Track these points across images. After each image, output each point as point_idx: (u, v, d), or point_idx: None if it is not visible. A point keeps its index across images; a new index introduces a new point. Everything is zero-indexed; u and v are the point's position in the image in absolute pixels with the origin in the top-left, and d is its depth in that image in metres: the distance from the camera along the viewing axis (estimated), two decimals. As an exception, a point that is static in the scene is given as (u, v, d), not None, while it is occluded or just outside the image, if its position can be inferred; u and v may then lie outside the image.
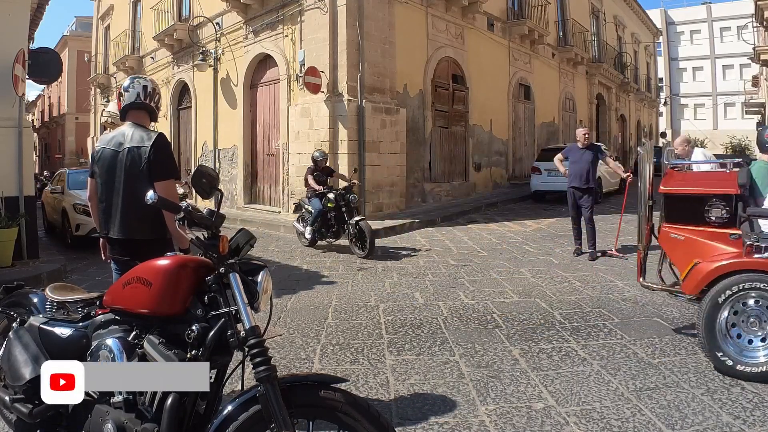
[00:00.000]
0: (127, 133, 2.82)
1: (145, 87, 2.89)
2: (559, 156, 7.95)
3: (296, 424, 1.75)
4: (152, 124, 3.05)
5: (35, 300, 2.42)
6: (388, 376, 3.47)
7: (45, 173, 24.74)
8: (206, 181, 2.12)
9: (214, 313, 1.87)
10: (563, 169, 7.63)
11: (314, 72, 10.77)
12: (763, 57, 18.05)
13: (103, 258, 3.02)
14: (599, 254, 7.31)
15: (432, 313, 4.93)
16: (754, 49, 19.21)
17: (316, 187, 8.34)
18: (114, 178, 2.79)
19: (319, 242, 8.53)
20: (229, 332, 1.82)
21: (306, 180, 8.56)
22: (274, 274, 2.67)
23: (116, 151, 2.79)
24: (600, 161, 7.63)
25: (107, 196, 2.83)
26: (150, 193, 1.85)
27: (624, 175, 7.62)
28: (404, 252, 8.13)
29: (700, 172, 5.37)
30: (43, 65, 7.88)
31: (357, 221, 7.80)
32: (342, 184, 8.81)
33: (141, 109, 2.90)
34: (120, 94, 2.91)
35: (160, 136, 2.82)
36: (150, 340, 1.87)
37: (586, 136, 7.60)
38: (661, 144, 32.62)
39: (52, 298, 2.34)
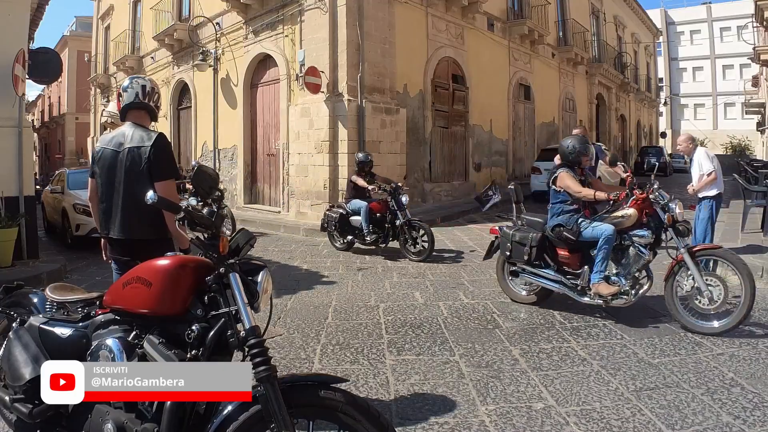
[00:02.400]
0: (127, 133, 2.81)
1: (143, 87, 2.88)
2: (558, 156, 7.94)
3: (296, 424, 1.75)
4: (152, 124, 3.05)
5: (35, 300, 2.42)
6: (388, 376, 3.47)
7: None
8: (206, 181, 2.13)
9: (214, 313, 1.87)
10: None
11: (314, 72, 10.77)
12: (763, 57, 18.07)
13: (104, 258, 3.02)
14: None
15: (432, 313, 4.93)
16: (754, 49, 19.23)
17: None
18: (114, 179, 2.79)
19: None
20: (229, 332, 1.82)
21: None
22: (274, 274, 2.67)
23: (116, 151, 2.79)
24: (600, 161, 7.62)
25: (107, 196, 2.83)
26: (150, 194, 1.85)
27: (624, 175, 7.61)
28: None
29: None
30: (43, 65, 7.88)
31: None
32: None
33: (140, 109, 2.89)
34: (119, 95, 2.91)
35: (160, 136, 2.82)
36: (150, 340, 1.87)
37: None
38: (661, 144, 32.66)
39: (52, 298, 2.34)
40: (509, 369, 3.57)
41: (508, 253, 4.96)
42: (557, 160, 7.82)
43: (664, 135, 37.85)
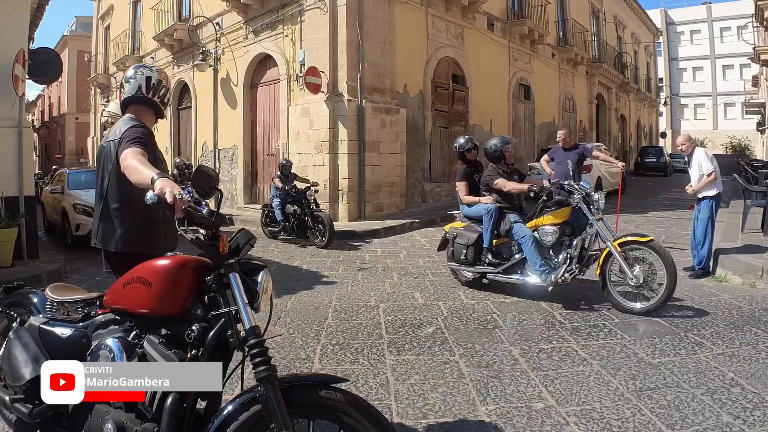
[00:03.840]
0: (115, 127, 2.50)
1: (148, 78, 2.53)
2: (545, 157, 8.01)
3: (296, 424, 1.75)
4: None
5: (35, 300, 2.42)
6: (388, 376, 3.47)
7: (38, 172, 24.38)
8: (206, 181, 2.12)
9: (214, 313, 1.86)
10: (549, 169, 7.68)
11: (314, 72, 10.77)
12: (763, 57, 18.06)
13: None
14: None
15: (432, 313, 4.93)
16: (754, 49, 19.22)
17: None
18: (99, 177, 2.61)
19: None
20: (229, 332, 1.82)
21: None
22: (274, 274, 2.66)
23: (104, 147, 2.54)
24: (588, 159, 7.70)
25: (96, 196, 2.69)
26: (150, 194, 1.84)
27: (619, 164, 7.68)
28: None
29: None
30: (43, 65, 7.87)
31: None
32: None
33: (143, 104, 2.56)
34: (121, 85, 2.77)
35: (136, 126, 2.41)
36: (150, 340, 1.86)
37: (566, 138, 7.67)
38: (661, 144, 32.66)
39: (52, 298, 2.34)
40: (509, 369, 3.57)
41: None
42: (543, 161, 7.91)
43: (664, 135, 37.85)
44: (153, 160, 2.30)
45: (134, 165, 2.05)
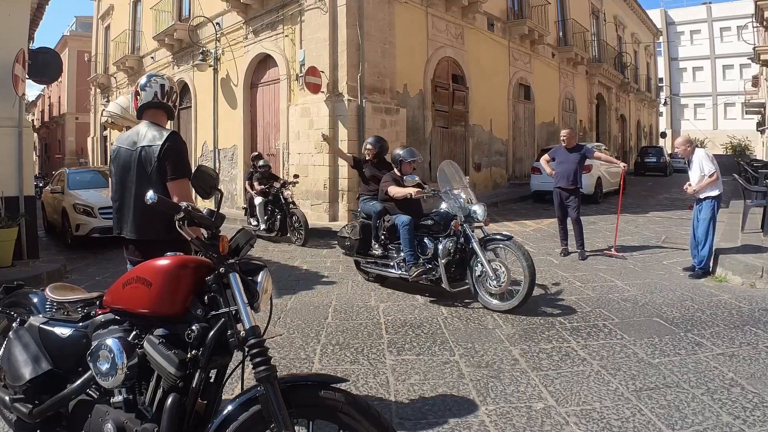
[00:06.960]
0: (142, 131, 2.78)
1: (162, 86, 2.85)
2: (545, 156, 7.97)
3: (296, 424, 1.75)
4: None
5: (35, 300, 2.42)
6: (388, 376, 3.47)
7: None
8: (206, 181, 2.12)
9: (214, 313, 1.86)
10: (549, 169, 7.65)
11: (314, 72, 10.77)
12: (763, 57, 18.04)
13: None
14: (588, 254, 7.30)
15: (432, 313, 4.93)
16: (754, 49, 19.20)
17: None
18: (127, 177, 2.76)
19: None
20: (229, 332, 1.82)
21: None
22: (274, 274, 2.66)
23: (130, 150, 2.76)
24: (589, 159, 7.63)
25: (120, 195, 2.81)
26: (149, 193, 1.85)
27: (621, 164, 7.66)
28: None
29: None
30: (43, 65, 7.88)
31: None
32: None
33: (158, 108, 2.87)
34: (136, 92, 2.87)
35: (172, 134, 2.75)
36: (150, 340, 1.86)
37: (570, 138, 7.57)
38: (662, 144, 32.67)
39: (52, 298, 2.34)
40: (509, 369, 3.57)
41: None
42: (543, 160, 7.87)
43: (664, 135, 37.87)
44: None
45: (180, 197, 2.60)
